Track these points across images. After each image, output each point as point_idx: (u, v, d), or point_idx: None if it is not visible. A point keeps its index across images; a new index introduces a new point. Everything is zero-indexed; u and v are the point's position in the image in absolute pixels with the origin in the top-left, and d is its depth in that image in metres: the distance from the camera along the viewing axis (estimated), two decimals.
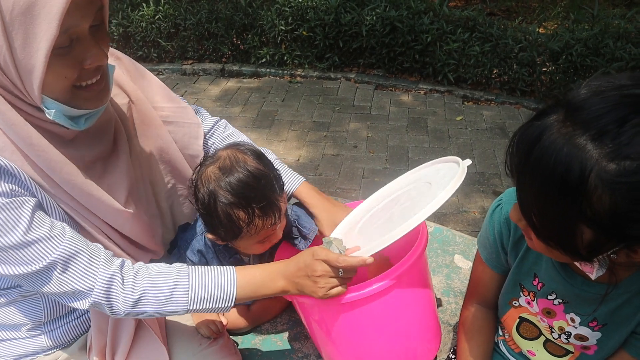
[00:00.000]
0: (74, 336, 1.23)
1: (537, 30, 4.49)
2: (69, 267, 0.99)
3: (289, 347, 1.47)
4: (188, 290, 1.05)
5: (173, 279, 1.05)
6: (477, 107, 4.38)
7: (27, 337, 1.18)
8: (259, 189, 1.18)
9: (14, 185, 0.96)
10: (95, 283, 1.00)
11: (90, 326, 1.23)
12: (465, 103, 4.44)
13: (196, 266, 1.09)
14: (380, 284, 1.08)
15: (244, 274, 1.10)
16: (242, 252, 1.39)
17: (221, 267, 1.10)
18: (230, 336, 1.40)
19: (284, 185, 1.28)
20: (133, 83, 1.27)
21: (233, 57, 5.13)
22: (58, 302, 1.16)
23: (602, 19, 4.55)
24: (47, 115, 0.97)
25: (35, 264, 0.96)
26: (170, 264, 1.13)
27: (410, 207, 1.16)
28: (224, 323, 1.33)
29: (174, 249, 1.44)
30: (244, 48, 5.06)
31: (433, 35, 4.41)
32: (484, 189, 3.38)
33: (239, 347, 1.45)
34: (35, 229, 0.96)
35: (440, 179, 1.19)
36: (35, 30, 0.85)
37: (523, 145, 0.79)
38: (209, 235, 1.28)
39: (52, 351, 1.20)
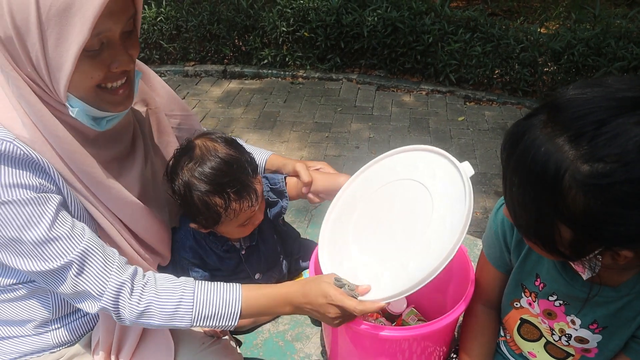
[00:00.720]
0: (80, 334, 1.24)
1: (539, 30, 4.49)
2: (84, 268, 1.02)
3: (290, 347, 1.47)
4: (192, 307, 1.07)
5: (178, 295, 1.07)
6: (479, 108, 4.38)
7: (34, 335, 1.19)
8: (232, 173, 1.22)
9: (43, 180, 0.99)
10: (105, 288, 1.03)
11: (95, 324, 1.24)
12: (467, 103, 4.44)
13: (203, 282, 1.11)
14: (423, 329, 1.12)
15: (250, 295, 1.12)
16: (230, 238, 1.40)
17: (228, 284, 1.11)
18: (232, 337, 1.40)
19: (257, 167, 1.31)
20: (149, 89, 1.32)
21: (235, 58, 5.14)
22: (66, 301, 1.18)
23: (604, 18, 4.55)
24: (70, 112, 1.00)
25: (53, 262, 0.99)
26: (171, 267, 1.14)
27: (412, 221, 1.15)
28: None
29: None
30: (245, 49, 5.07)
31: (434, 35, 4.41)
32: (486, 189, 3.38)
33: (240, 348, 1.46)
34: (58, 227, 0.99)
35: (429, 178, 1.19)
36: (69, 31, 0.88)
37: (509, 143, 0.81)
38: (192, 225, 1.31)
39: (58, 349, 1.21)
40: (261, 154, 1.52)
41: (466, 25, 4.51)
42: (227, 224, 1.28)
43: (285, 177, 1.44)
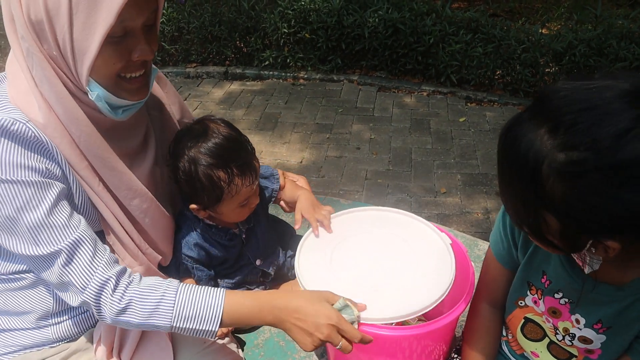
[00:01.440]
0: (80, 330, 1.24)
1: (540, 31, 4.49)
2: (73, 259, 1.02)
3: (291, 347, 1.47)
4: (173, 306, 1.04)
5: (161, 292, 1.06)
6: (480, 109, 4.38)
7: (34, 328, 1.19)
8: (235, 150, 1.28)
9: (49, 165, 1.02)
10: (89, 282, 1.02)
11: (97, 321, 1.24)
12: (468, 104, 4.44)
13: (187, 284, 1.09)
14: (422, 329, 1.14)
15: (234, 300, 1.08)
16: (230, 224, 1.43)
17: (212, 288, 1.09)
18: (233, 337, 1.40)
19: (254, 149, 1.35)
20: (164, 94, 1.36)
21: (236, 60, 5.14)
22: None
23: (606, 19, 4.54)
24: (90, 96, 1.03)
25: (44, 247, 1.00)
26: (174, 269, 1.13)
27: (397, 257, 1.26)
28: None
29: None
30: (247, 51, 5.07)
31: (436, 36, 4.41)
32: (487, 190, 3.38)
33: (241, 348, 1.46)
34: (55, 214, 1.01)
35: (415, 243, 1.30)
36: (96, 15, 0.93)
37: (501, 137, 0.85)
38: (192, 206, 1.32)
39: (58, 344, 1.22)
40: None
41: (467, 26, 4.51)
42: (228, 203, 1.30)
43: (277, 177, 1.51)
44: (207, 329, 1.06)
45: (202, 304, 1.06)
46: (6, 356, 1.19)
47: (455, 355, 1.33)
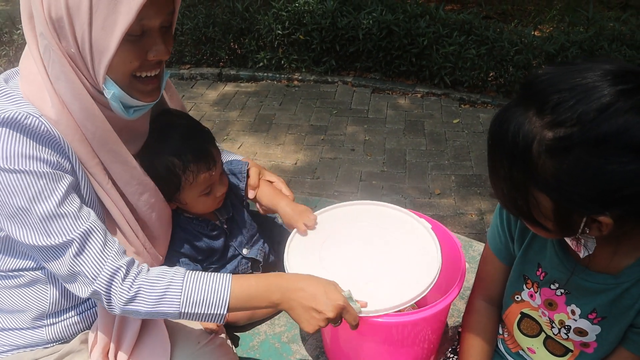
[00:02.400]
0: (75, 332, 1.23)
1: (533, 33, 4.52)
2: (84, 249, 1.03)
3: (287, 348, 1.47)
4: (181, 291, 1.06)
5: (168, 279, 1.07)
6: (474, 110, 4.40)
7: (29, 328, 1.19)
8: (189, 138, 1.32)
9: (60, 159, 1.03)
10: (100, 271, 1.03)
11: (92, 323, 1.24)
12: (462, 106, 4.46)
13: (194, 271, 1.11)
14: (417, 315, 1.17)
15: (240, 282, 1.10)
16: (209, 215, 1.45)
17: (219, 273, 1.11)
18: (228, 338, 1.40)
19: (213, 138, 1.38)
20: (169, 98, 1.39)
21: (230, 61, 5.14)
22: (64, 295, 1.18)
23: (597, 21, 4.58)
24: (105, 94, 1.05)
25: (56, 238, 1.01)
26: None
27: (386, 248, 1.29)
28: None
29: None
30: (241, 52, 5.07)
31: (429, 38, 4.43)
32: (481, 192, 3.39)
33: (236, 349, 1.46)
34: (66, 205, 1.02)
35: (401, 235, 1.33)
36: (116, 14, 0.95)
37: (490, 125, 0.88)
38: None
39: (52, 345, 1.21)
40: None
41: (461, 28, 4.53)
42: (188, 191, 1.33)
43: (246, 165, 1.52)
44: (215, 312, 1.07)
45: (210, 288, 1.07)
46: None
47: (452, 355, 1.34)
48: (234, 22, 4.91)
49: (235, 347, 1.46)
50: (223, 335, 1.34)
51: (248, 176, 1.49)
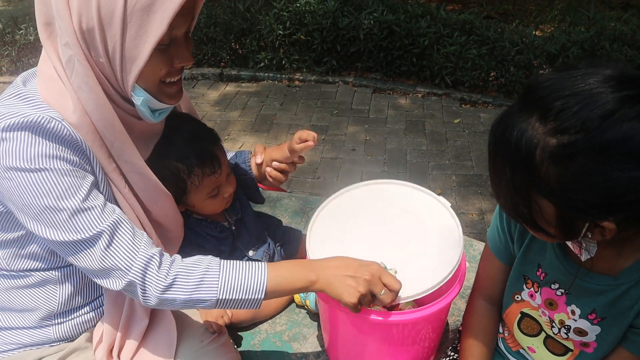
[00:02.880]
0: (81, 330, 1.24)
1: (534, 33, 4.52)
2: (114, 240, 1.03)
3: (288, 346, 1.48)
4: (218, 277, 1.07)
5: (205, 265, 1.08)
6: (475, 110, 4.40)
7: (36, 327, 1.19)
8: (195, 141, 1.31)
9: (81, 160, 1.04)
10: (134, 261, 1.03)
11: (97, 322, 1.24)
12: (463, 106, 4.46)
13: (228, 260, 1.12)
14: (417, 313, 1.17)
15: (274, 266, 1.12)
16: (218, 217, 1.46)
17: (252, 262, 1.13)
18: (230, 336, 1.41)
19: (219, 138, 1.38)
20: None
21: (231, 61, 5.14)
22: (73, 295, 1.18)
23: (598, 21, 4.58)
24: (135, 100, 1.06)
25: (85, 232, 1.01)
26: None
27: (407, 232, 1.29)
28: (229, 316, 1.37)
29: None
30: (242, 52, 5.08)
31: (430, 38, 4.43)
32: (482, 191, 3.39)
33: (238, 348, 1.46)
34: (92, 199, 1.03)
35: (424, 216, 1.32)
36: (148, 25, 0.96)
37: (491, 130, 0.87)
38: None
39: (58, 343, 1.22)
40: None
41: (462, 28, 4.53)
42: (195, 194, 1.33)
43: (249, 153, 1.52)
44: (253, 297, 1.08)
45: (247, 273, 1.09)
46: (4, 354, 1.19)
47: (452, 354, 1.34)
48: (235, 22, 4.92)
49: (238, 346, 1.47)
50: (226, 335, 1.35)
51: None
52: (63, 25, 0.97)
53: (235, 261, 1.11)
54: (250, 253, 1.51)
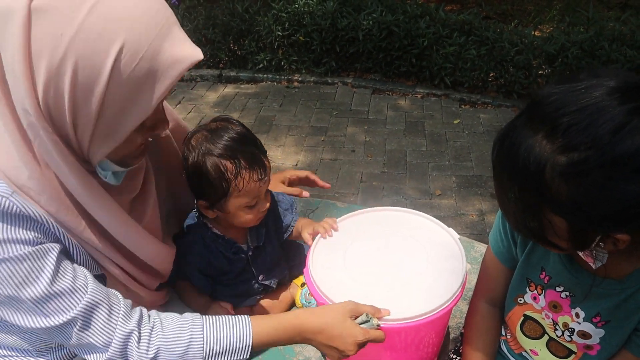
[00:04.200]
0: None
1: (533, 33, 4.51)
2: (89, 322, 0.97)
3: (289, 350, 1.47)
4: (202, 346, 1.03)
5: (187, 335, 1.03)
6: (474, 111, 4.40)
7: (33, 357, 1.15)
8: (245, 143, 1.28)
9: (38, 233, 0.94)
10: (112, 340, 0.98)
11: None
12: (462, 106, 4.46)
13: (210, 317, 1.08)
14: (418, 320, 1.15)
15: (260, 326, 1.08)
16: (238, 236, 1.42)
17: (236, 317, 1.09)
18: None
19: (265, 151, 1.35)
20: None
21: (230, 62, 5.14)
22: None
23: (597, 21, 4.58)
24: (99, 174, 0.99)
25: (56, 318, 0.94)
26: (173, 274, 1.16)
27: (408, 259, 1.27)
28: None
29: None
30: (241, 54, 5.07)
31: (429, 39, 4.43)
32: (482, 192, 3.39)
33: None
34: (59, 281, 0.94)
35: (423, 240, 1.32)
36: (135, 104, 0.86)
37: (496, 145, 0.86)
38: (200, 202, 1.32)
39: None
40: None
41: (461, 29, 4.53)
42: (235, 199, 1.27)
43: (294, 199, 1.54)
44: (239, 357, 1.06)
45: (231, 337, 1.05)
46: None
47: (454, 356, 1.33)
48: (233, 23, 4.91)
49: None
50: None
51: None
52: (22, 91, 0.83)
53: (219, 322, 1.07)
54: (260, 277, 1.47)
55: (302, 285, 1.55)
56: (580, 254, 0.95)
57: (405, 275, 1.22)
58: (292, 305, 1.58)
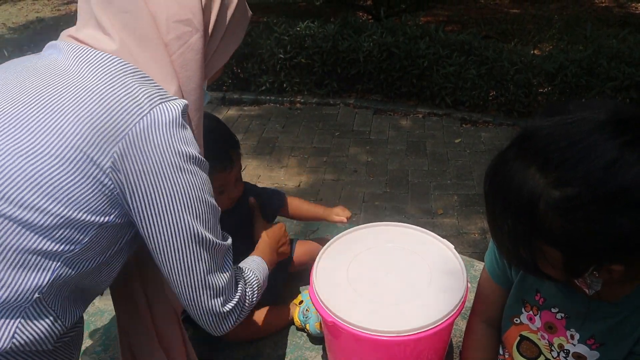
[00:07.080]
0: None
1: (532, 52, 4.56)
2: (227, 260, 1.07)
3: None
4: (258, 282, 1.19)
5: (254, 276, 1.18)
6: (475, 129, 4.42)
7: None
8: (210, 138, 1.31)
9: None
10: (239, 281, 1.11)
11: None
12: (464, 125, 4.48)
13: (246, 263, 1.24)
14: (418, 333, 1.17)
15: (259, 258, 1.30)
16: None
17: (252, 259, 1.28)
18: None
19: (237, 142, 1.50)
20: None
21: (233, 85, 5.20)
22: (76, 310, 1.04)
23: (596, 39, 4.62)
24: (206, 97, 1.13)
25: (228, 241, 1.06)
26: None
27: (411, 273, 1.30)
28: None
29: None
30: (244, 76, 5.13)
31: (430, 59, 4.48)
32: (484, 211, 3.37)
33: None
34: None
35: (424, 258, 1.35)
36: (239, 30, 1.12)
37: (487, 178, 0.86)
38: None
39: None
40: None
41: (461, 49, 4.58)
42: None
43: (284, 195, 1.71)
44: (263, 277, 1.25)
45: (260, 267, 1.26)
46: None
47: None
48: None
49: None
50: None
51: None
52: (196, 10, 0.95)
53: (250, 263, 1.24)
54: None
55: (300, 303, 1.59)
56: (576, 281, 0.95)
57: (408, 291, 1.24)
58: (289, 320, 1.62)
